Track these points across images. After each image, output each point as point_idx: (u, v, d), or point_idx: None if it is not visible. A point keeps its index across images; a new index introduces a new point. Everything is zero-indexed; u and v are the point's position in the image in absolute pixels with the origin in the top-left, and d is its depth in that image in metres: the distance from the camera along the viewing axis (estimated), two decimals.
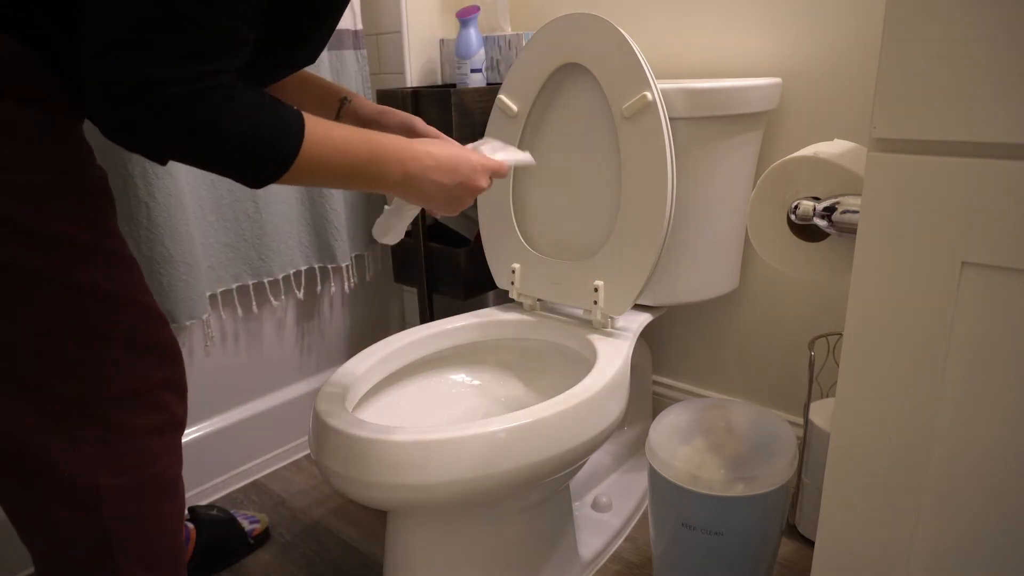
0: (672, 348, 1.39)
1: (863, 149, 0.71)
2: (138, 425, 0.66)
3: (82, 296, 0.60)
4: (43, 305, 0.58)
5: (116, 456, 0.64)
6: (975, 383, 0.47)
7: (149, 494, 0.68)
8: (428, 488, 0.75)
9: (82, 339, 0.61)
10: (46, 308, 0.58)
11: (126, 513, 0.65)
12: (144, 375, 0.66)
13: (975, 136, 0.43)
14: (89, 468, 0.63)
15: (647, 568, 1.08)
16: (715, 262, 1.14)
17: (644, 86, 0.95)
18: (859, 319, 0.50)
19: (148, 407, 0.67)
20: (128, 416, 0.65)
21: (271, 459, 1.40)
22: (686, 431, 0.91)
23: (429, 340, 1.06)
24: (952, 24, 0.43)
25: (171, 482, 0.71)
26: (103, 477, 0.63)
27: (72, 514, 0.63)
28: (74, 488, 0.62)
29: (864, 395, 0.51)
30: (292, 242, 1.32)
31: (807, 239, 0.69)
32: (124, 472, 0.65)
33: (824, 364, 1.19)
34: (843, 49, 1.05)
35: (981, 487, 0.48)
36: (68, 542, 0.64)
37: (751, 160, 1.12)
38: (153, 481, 0.68)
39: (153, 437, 0.68)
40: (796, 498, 1.13)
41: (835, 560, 0.56)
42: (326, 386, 0.89)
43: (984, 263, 0.45)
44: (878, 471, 0.52)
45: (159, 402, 0.68)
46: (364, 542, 1.17)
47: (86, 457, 0.62)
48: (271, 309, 1.36)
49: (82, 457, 0.62)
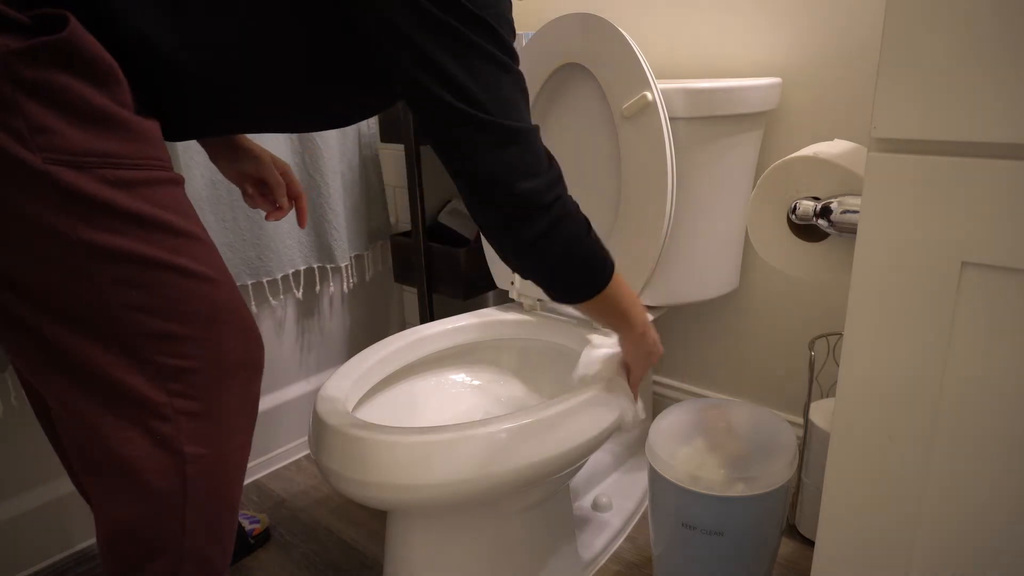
0: (672, 348, 1.39)
1: (863, 149, 0.71)
2: (228, 402, 0.67)
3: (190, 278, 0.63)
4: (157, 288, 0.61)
5: (201, 430, 0.65)
6: (975, 383, 0.47)
7: (229, 464, 0.69)
8: (428, 488, 0.75)
9: (182, 315, 0.63)
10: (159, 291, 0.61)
11: (206, 475, 0.66)
12: (243, 352, 0.68)
13: (975, 136, 0.43)
14: (180, 436, 0.64)
15: (647, 568, 1.08)
16: (715, 262, 1.14)
17: (644, 86, 0.95)
18: (859, 319, 0.50)
19: (234, 385, 0.68)
20: (221, 394, 0.66)
21: (271, 459, 1.40)
22: (686, 431, 0.91)
23: (429, 340, 1.06)
24: (952, 24, 0.43)
25: (244, 460, 0.72)
26: (188, 446, 0.64)
27: (157, 453, 0.63)
28: (163, 436, 0.63)
29: (864, 395, 0.51)
30: (291, 242, 1.32)
31: (807, 239, 0.69)
32: (208, 444, 0.66)
33: (824, 364, 1.19)
34: (843, 49, 1.05)
35: (982, 487, 0.48)
36: (149, 512, 0.65)
37: (751, 160, 1.12)
38: (235, 454, 0.69)
39: (239, 415, 0.69)
40: (796, 498, 1.13)
41: (835, 560, 0.56)
42: (326, 386, 0.89)
43: (984, 263, 0.45)
44: (878, 471, 0.52)
45: (244, 380, 0.69)
46: (364, 542, 1.17)
47: (180, 426, 0.63)
48: (271, 309, 1.36)
49: (177, 427, 0.63)
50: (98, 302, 0.58)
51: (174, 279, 0.61)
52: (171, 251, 0.61)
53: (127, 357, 0.60)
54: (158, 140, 0.63)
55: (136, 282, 0.59)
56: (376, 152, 1.47)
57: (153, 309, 0.60)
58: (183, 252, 0.62)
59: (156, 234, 0.60)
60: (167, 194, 0.62)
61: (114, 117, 0.58)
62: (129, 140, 0.59)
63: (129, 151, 0.58)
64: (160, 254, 0.60)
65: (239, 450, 0.70)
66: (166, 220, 0.61)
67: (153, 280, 0.60)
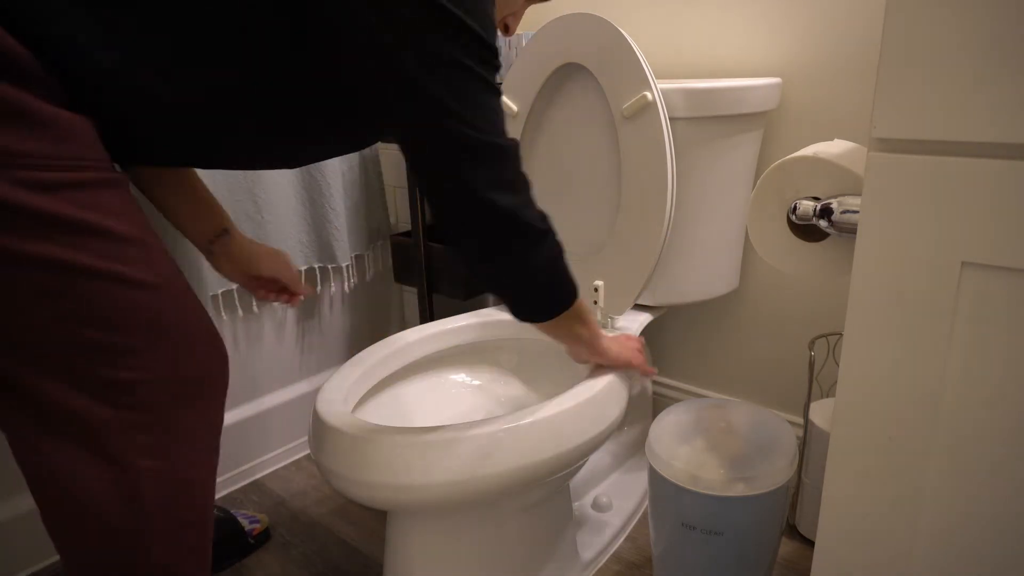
0: (672, 348, 1.39)
1: (863, 149, 0.71)
2: (185, 415, 0.64)
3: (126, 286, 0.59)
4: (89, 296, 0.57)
5: (158, 444, 0.62)
6: (975, 383, 0.47)
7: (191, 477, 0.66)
8: (428, 488, 0.75)
9: (119, 325, 0.59)
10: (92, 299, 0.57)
11: (165, 489, 0.63)
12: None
13: (975, 136, 0.43)
14: (133, 452, 0.61)
15: (647, 568, 1.08)
16: (715, 262, 1.14)
17: (644, 86, 0.95)
18: (859, 319, 0.50)
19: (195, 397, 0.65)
20: (176, 407, 0.63)
21: (271, 459, 1.40)
22: (686, 431, 0.91)
23: (429, 340, 1.06)
24: (952, 24, 0.43)
25: (210, 473, 0.69)
26: (142, 461, 0.61)
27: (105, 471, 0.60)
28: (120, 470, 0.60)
29: (864, 395, 0.51)
30: (292, 242, 1.32)
31: (807, 239, 0.69)
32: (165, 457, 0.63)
33: (824, 364, 1.19)
34: (843, 49, 1.05)
35: (981, 486, 0.48)
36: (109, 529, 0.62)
37: (751, 160, 1.12)
38: (198, 467, 0.67)
39: (198, 427, 0.66)
40: (796, 498, 1.13)
41: (835, 560, 0.56)
42: (326, 386, 0.89)
43: (984, 263, 0.45)
44: (878, 471, 0.52)
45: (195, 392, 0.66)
46: (364, 542, 1.17)
47: (132, 441, 0.60)
48: (271, 309, 1.36)
49: (129, 441, 0.60)
50: (22, 316, 0.54)
51: (109, 287, 0.57)
52: (104, 257, 0.56)
53: (63, 373, 0.56)
54: (90, 138, 0.58)
55: (67, 292, 0.55)
56: (376, 152, 1.47)
57: (89, 320, 0.56)
58: (119, 258, 0.58)
59: (86, 239, 0.55)
60: (100, 196, 0.57)
61: (31, 114, 0.53)
62: (49, 139, 0.54)
63: (49, 151, 0.54)
64: (91, 261, 0.56)
65: (202, 464, 0.66)
66: (98, 224, 0.56)
67: (86, 289, 0.56)
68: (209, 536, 0.69)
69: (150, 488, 0.61)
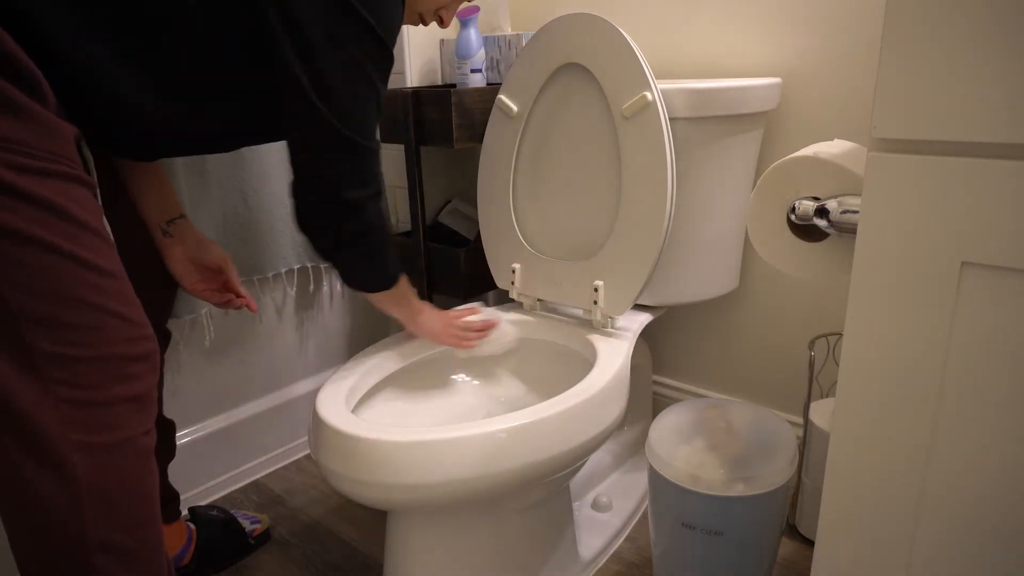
0: (672, 348, 1.39)
1: (863, 149, 0.71)
2: (115, 392, 0.66)
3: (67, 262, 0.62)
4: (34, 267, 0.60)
5: (89, 418, 0.64)
6: (975, 383, 0.47)
7: (125, 452, 0.68)
8: (428, 488, 0.75)
9: (68, 301, 0.62)
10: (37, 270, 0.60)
11: (100, 463, 0.65)
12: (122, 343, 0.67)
13: (975, 136, 0.43)
14: (64, 426, 0.63)
15: (647, 568, 1.08)
16: (715, 262, 1.14)
17: (644, 86, 0.95)
18: (859, 319, 0.50)
19: (124, 377, 0.67)
20: (110, 384, 0.65)
21: (271, 459, 1.40)
22: (686, 431, 0.91)
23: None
24: (952, 24, 0.43)
25: (146, 449, 0.70)
26: (75, 435, 0.63)
27: (45, 471, 0.62)
28: (47, 443, 0.62)
29: (864, 395, 0.51)
30: (285, 241, 1.31)
31: (807, 239, 0.69)
32: (99, 432, 0.65)
33: (824, 364, 1.19)
34: (843, 49, 1.05)
35: (982, 486, 0.48)
36: (40, 501, 0.64)
37: (751, 160, 1.12)
38: (134, 441, 0.68)
39: (130, 404, 0.68)
40: (796, 498, 1.13)
41: (835, 560, 0.56)
42: (326, 386, 0.89)
43: (984, 263, 0.45)
44: (878, 471, 0.52)
45: (133, 373, 0.68)
46: (364, 542, 1.17)
47: (63, 415, 0.63)
48: (272, 309, 1.36)
49: (59, 415, 0.62)
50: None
51: (65, 264, 0.61)
52: (65, 237, 0.60)
53: (7, 343, 0.59)
54: (70, 142, 0.62)
55: (24, 262, 0.58)
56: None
57: (40, 292, 0.59)
58: (78, 241, 0.61)
59: (51, 219, 0.59)
60: (70, 188, 0.61)
61: (24, 108, 0.58)
62: (37, 131, 0.59)
63: (34, 141, 0.59)
64: (54, 238, 0.59)
65: (138, 438, 0.68)
66: (64, 207, 0.60)
67: (44, 263, 0.59)
68: (153, 507, 0.71)
69: (83, 461, 0.64)
